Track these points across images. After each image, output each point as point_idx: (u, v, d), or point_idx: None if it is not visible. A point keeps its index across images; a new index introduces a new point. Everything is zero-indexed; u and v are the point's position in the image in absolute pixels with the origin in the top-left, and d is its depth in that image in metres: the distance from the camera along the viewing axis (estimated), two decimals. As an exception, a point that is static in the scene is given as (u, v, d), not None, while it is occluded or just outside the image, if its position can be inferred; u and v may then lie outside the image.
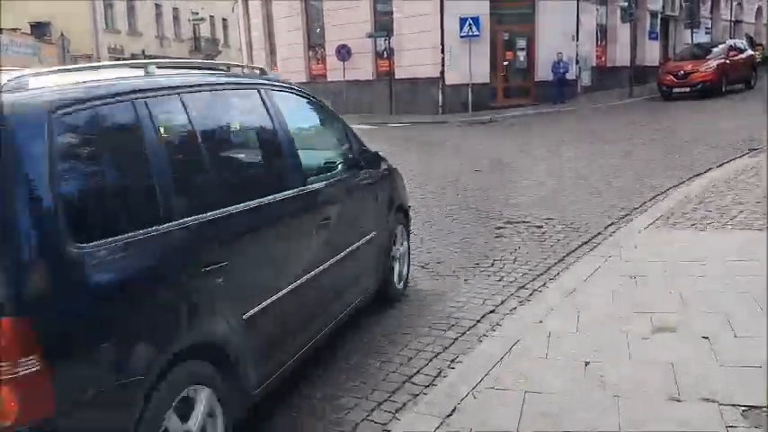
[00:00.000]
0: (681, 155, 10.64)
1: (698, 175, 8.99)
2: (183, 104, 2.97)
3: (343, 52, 24.93)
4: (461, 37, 22.04)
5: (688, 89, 20.50)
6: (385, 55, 24.72)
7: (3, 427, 2.00)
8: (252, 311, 3.02)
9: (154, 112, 2.74)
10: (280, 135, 3.63)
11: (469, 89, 22.26)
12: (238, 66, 4.29)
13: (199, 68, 3.82)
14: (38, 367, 2.03)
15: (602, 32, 28.05)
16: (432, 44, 23.02)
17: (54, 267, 2.16)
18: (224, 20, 55.47)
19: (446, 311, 4.76)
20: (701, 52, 22.43)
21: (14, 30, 33.50)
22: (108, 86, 2.65)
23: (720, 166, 9.45)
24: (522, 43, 23.52)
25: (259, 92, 3.65)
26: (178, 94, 2.98)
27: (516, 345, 3.93)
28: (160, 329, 2.53)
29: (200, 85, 3.26)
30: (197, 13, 52.82)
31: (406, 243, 5.23)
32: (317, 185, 3.83)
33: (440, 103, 23.31)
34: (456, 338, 4.26)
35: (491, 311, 4.68)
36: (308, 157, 3.88)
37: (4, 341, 1.98)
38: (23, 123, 2.22)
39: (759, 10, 39.33)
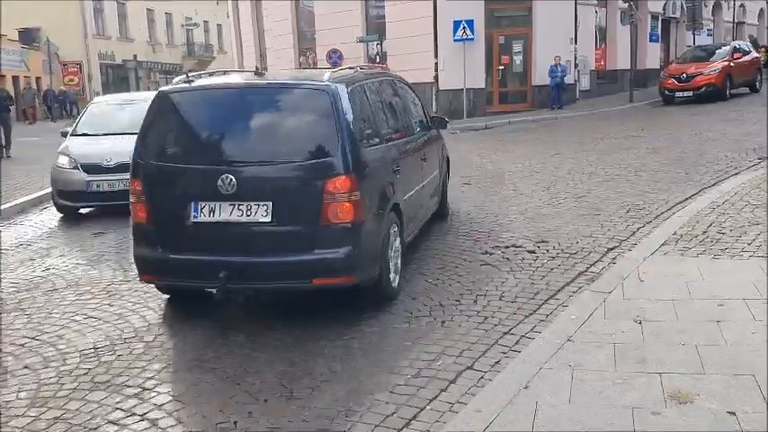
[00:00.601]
0: (686, 166, 9.87)
1: (707, 188, 8.23)
2: (376, 85, 5.86)
3: (334, 57, 24.20)
4: (455, 41, 21.31)
5: (691, 93, 19.69)
6: (377, 59, 23.97)
7: (347, 222, 4.47)
8: (405, 197, 5.53)
9: (370, 88, 5.56)
10: (404, 105, 6.50)
11: (464, 94, 21.54)
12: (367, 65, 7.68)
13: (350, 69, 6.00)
14: (358, 197, 4.52)
15: (602, 35, 27.29)
16: (425, 48, 22.29)
17: (359, 155, 4.65)
18: (218, 26, 54.81)
19: (415, 366, 3.97)
20: (705, 54, 21.63)
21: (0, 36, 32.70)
22: (359, 76, 5.50)
23: (730, 177, 8.69)
24: (518, 47, 22.74)
25: (392, 81, 6.51)
26: (371, 80, 5.74)
27: (495, 421, 3.15)
28: (387, 192, 5.10)
29: (379, 75, 6.35)
30: (190, 19, 52.16)
31: (448, 182, 7.97)
32: (417, 136, 6.50)
33: (434, 109, 22.51)
34: (423, 407, 3.47)
35: (469, 367, 3.90)
36: (412, 119, 6.60)
37: (348, 184, 4.43)
38: (342, 92, 4.74)
39: (762, 11, 38.58)
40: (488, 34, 22.24)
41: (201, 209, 4.56)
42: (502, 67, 22.77)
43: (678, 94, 20.12)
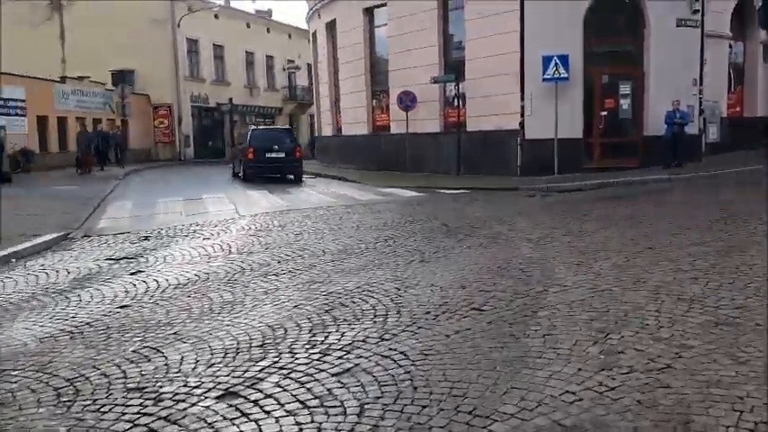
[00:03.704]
0: None
1: None
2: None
3: (407, 100, 20.94)
4: (545, 80, 17.46)
5: None
6: (455, 103, 20.45)
7: (299, 157, 22.88)
8: None
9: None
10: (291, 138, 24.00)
11: (555, 146, 17.54)
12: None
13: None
14: (300, 151, 23.87)
15: (738, 75, 22.37)
16: (509, 90, 18.56)
17: (298, 144, 28.72)
18: (323, 68, 53.15)
19: None
20: None
21: (80, 78, 31.95)
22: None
23: None
24: (626, 88, 18.50)
25: (291, 129, 33.22)
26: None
27: None
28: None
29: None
30: (293, 62, 50.83)
31: None
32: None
33: (518, 163, 18.68)
34: None
35: None
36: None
37: (299, 148, 23.34)
38: (291, 130, 32.29)
39: None
40: (588, 73, 18.21)
41: (269, 153, 21.08)
42: (605, 114, 18.58)
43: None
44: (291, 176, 21.62)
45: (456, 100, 20.26)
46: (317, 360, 4.78)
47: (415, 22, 21.10)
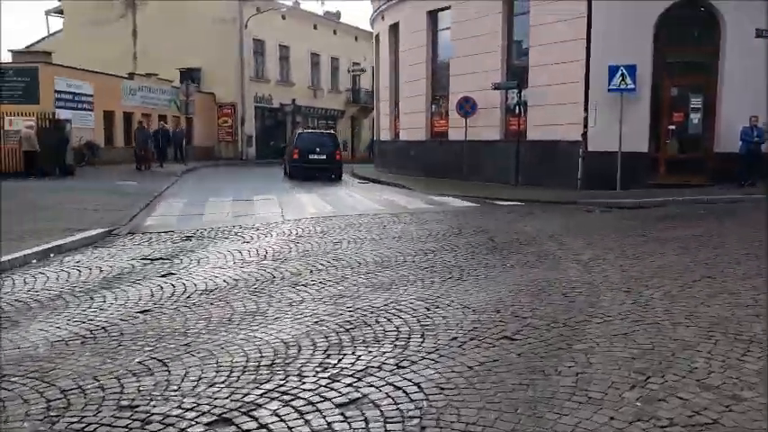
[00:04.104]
0: None
1: None
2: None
3: (466, 106, 20.46)
4: (610, 91, 16.70)
5: None
6: (516, 110, 19.84)
7: (339, 159, 25.67)
8: None
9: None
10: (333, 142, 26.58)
11: (619, 160, 16.76)
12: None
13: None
14: (340, 154, 27.27)
15: (823, 91, 20.94)
16: (573, 99, 17.88)
17: (340, 147, 30.23)
18: (388, 71, 53.02)
19: None
20: None
21: (147, 75, 32.60)
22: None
23: None
24: (697, 101, 17.53)
25: (335, 133, 30.90)
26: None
27: None
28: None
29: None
30: (358, 64, 50.83)
31: None
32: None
33: (579, 175, 17.94)
34: None
35: None
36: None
37: (340, 151, 26.25)
38: (336, 135, 36.65)
39: None
40: (657, 84, 17.34)
41: (311, 155, 23.74)
42: (673, 127, 17.67)
43: None
44: (333, 176, 24.06)
45: (517, 108, 19.64)
46: (325, 386, 4.41)
47: (479, 26, 20.59)
